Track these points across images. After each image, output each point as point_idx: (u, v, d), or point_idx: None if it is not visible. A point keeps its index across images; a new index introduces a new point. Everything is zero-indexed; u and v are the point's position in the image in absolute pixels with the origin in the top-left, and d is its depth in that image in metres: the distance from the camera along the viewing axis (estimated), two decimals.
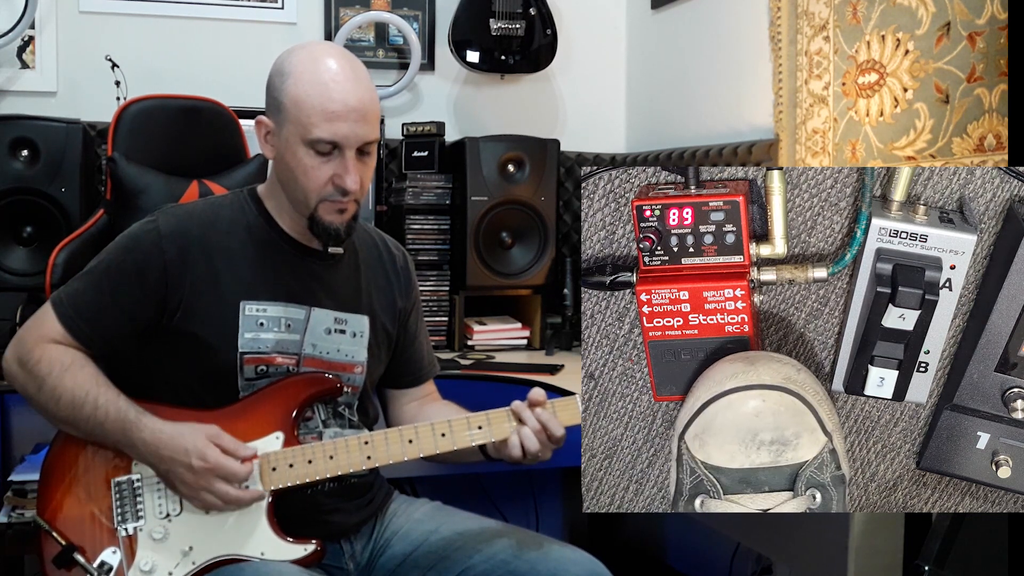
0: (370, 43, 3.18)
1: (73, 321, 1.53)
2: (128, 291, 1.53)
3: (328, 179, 1.51)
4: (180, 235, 1.54)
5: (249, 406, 1.55)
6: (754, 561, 2.59)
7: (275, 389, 1.56)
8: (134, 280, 1.53)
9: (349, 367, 1.63)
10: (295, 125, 1.50)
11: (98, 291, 1.54)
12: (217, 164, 1.95)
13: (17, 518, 2.37)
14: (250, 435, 1.52)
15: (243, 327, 1.54)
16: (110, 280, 1.54)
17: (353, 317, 1.64)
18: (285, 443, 1.53)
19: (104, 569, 1.50)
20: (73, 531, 1.52)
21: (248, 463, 1.49)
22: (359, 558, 1.64)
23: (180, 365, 1.55)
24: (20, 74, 2.85)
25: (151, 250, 1.53)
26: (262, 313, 1.56)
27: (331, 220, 1.54)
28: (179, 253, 1.53)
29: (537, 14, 3.08)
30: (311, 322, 1.59)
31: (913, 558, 1.59)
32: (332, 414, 1.62)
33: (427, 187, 2.89)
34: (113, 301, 1.53)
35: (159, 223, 1.55)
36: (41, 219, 2.38)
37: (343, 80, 1.51)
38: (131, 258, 1.54)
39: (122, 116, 1.89)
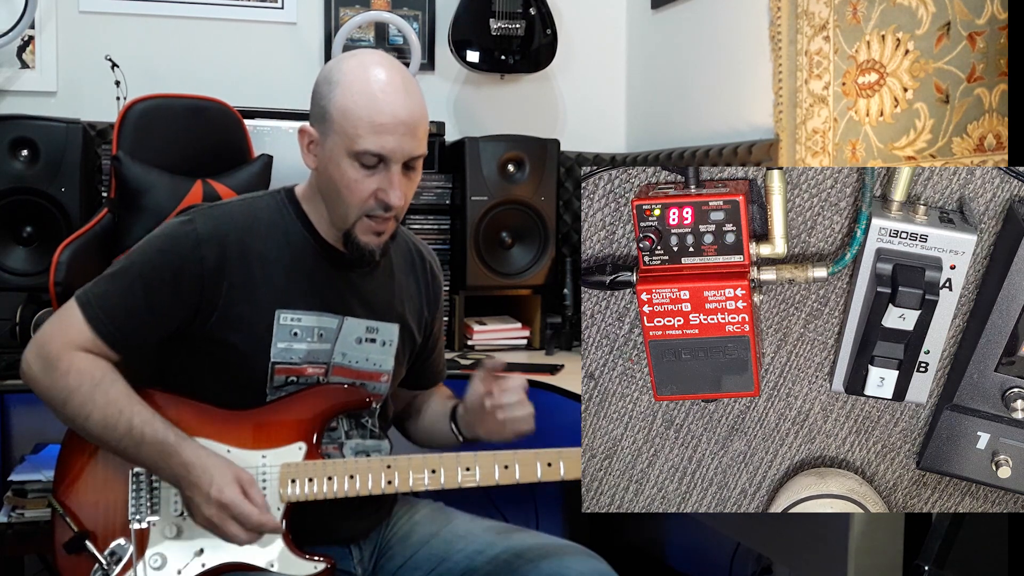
0: (370, 43, 3.18)
1: (103, 324, 1.47)
2: (162, 295, 1.48)
3: (371, 193, 1.47)
4: (218, 239, 1.49)
5: (274, 412, 1.53)
6: (754, 561, 2.58)
7: (302, 397, 1.53)
8: (169, 284, 1.47)
9: (376, 376, 1.61)
10: (341, 136, 1.45)
11: (130, 294, 1.48)
12: (221, 164, 1.95)
13: (17, 518, 2.37)
14: (272, 442, 1.51)
15: (277, 336, 1.51)
16: (143, 283, 1.48)
17: (384, 325, 1.61)
18: (307, 455, 1.51)
19: (114, 559, 1.49)
20: (86, 516, 1.51)
21: (266, 516, 1.45)
22: (366, 564, 1.63)
23: (207, 367, 1.53)
24: (20, 74, 2.85)
25: (188, 254, 1.48)
26: (296, 322, 1.52)
27: (367, 241, 1.50)
28: (217, 258, 1.48)
29: (537, 14, 3.08)
30: (343, 331, 1.56)
31: (913, 558, 1.58)
32: (355, 424, 1.60)
33: (427, 187, 2.89)
34: (146, 305, 1.48)
35: (197, 225, 1.50)
36: (41, 219, 2.38)
37: (393, 91, 1.46)
38: (167, 261, 1.48)
39: (127, 115, 1.89)
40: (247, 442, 1.51)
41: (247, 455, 1.51)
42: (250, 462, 1.50)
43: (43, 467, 2.48)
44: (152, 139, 1.89)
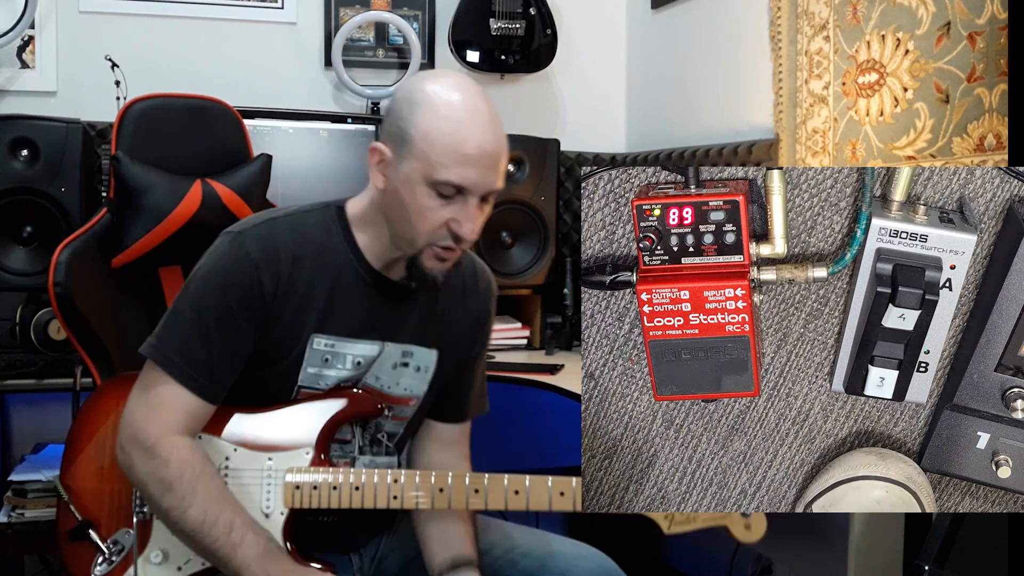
0: (370, 43, 3.18)
1: (195, 381, 1.42)
2: (238, 332, 1.44)
3: (443, 223, 1.40)
4: (271, 262, 1.45)
5: (283, 415, 1.50)
6: (754, 561, 2.59)
7: (313, 402, 1.50)
8: (240, 318, 1.43)
9: (405, 400, 1.58)
10: (421, 162, 1.38)
11: (207, 340, 1.43)
12: (221, 164, 1.95)
13: (17, 518, 2.36)
14: (276, 444, 1.48)
15: (308, 361, 1.48)
16: (219, 327, 1.43)
17: (421, 351, 1.56)
18: (313, 460, 1.48)
19: (116, 548, 1.48)
20: (91, 503, 1.50)
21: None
22: (367, 570, 1.62)
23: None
24: (20, 74, 2.85)
25: (249, 282, 1.43)
26: (329, 348, 1.49)
27: (432, 267, 1.45)
28: (271, 281, 1.44)
29: (537, 14, 3.08)
30: (381, 357, 1.53)
31: (913, 558, 1.59)
32: (370, 440, 1.57)
33: None
34: (226, 348, 1.44)
35: (249, 250, 1.44)
36: (41, 219, 2.38)
37: (480, 121, 1.39)
38: (233, 297, 1.43)
39: (126, 115, 1.88)
40: (252, 442, 1.50)
41: (251, 455, 1.49)
42: (255, 464, 1.49)
43: (43, 467, 2.47)
44: (151, 139, 1.89)
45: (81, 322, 1.73)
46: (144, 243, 1.84)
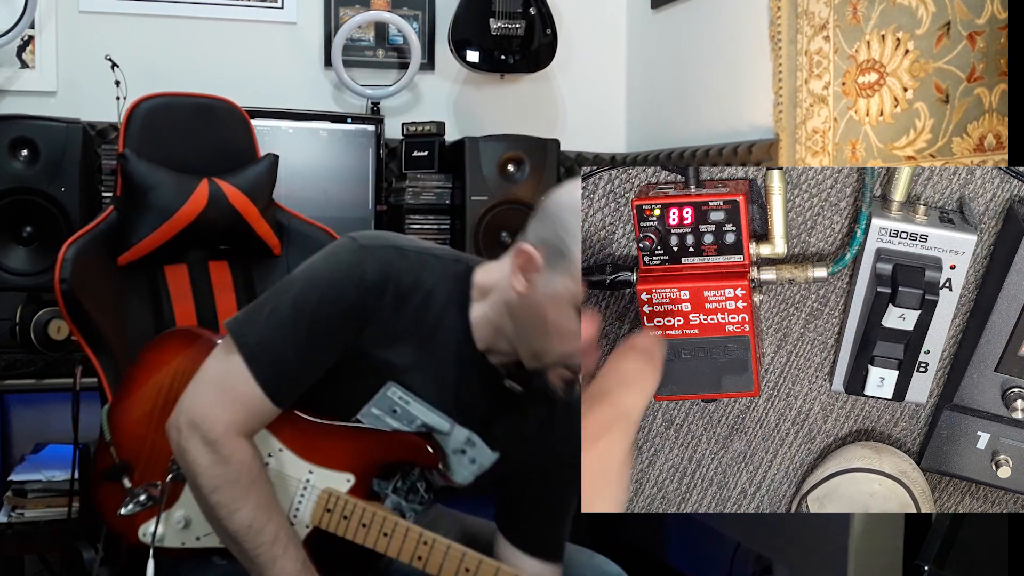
0: (370, 43, 3.18)
1: (274, 387, 1.37)
2: (325, 347, 1.39)
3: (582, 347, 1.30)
4: (381, 287, 1.38)
5: (339, 430, 1.45)
6: (754, 561, 2.58)
7: (373, 432, 1.45)
8: (334, 334, 1.38)
9: (448, 478, 1.52)
10: (576, 283, 1.30)
11: (297, 345, 1.37)
12: (227, 163, 1.95)
13: (17, 518, 2.37)
14: (324, 460, 1.45)
15: (375, 403, 1.43)
16: (310, 333, 1.37)
17: (483, 448, 1.49)
18: (352, 490, 1.44)
19: (144, 500, 1.45)
20: (130, 447, 1.48)
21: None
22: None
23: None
24: (20, 74, 2.85)
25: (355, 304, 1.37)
26: (402, 403, 1.43)
27: (556, 385, 1.37)
28: (373, 307, 1.38)
29: (537, 14, 3.08)
30: (447, 436, 1.47)
31: (913, 558, 1.59)
32: (409, 488, 1.52)
33: (427, 187, 2.89)
34: (310, 357, 1.38)
35: (366, 270, 1.38)
36: (41, 219, 2.38)
37: None
38: (336, 310, 1.37)
39: (133, 113, 1.89)
40: (301, 448, 1.46)
41: (295, 462, 1.45)
42: (296, 471, 1.46)
43: (43, 467, 2.48)
44: (159, 137, 1.90)
45: (86, 319, 1.73)
46: (150, 241, 1.84)
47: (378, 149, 2.84)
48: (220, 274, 1.94)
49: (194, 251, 1.94)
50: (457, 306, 1.43)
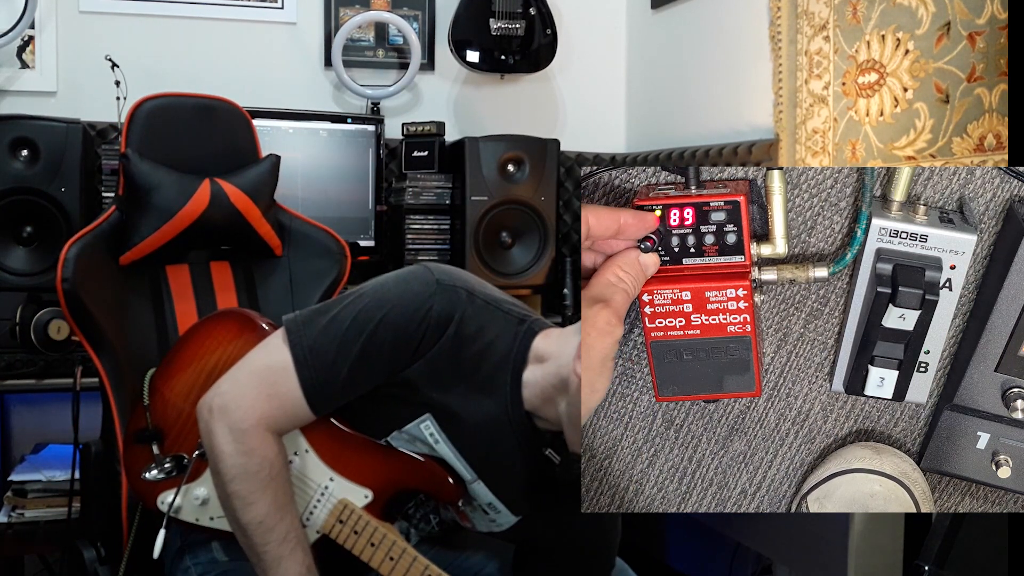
0: (370, 43, 3.18)
1: (318, 396, 1.37)
2: (374, 368, 1.38)
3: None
4: (443, 323, 1.38)
5: (366, 444, 1.45)
6: (754, 561, 2.59)
7: (404, 455, 1.44)
8: (386, 357, 1.37)
9: (466, 518, 1.52)
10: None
11: (348, 358, 1.36)
12: (229, 163, 1.96)
13: (17, 518, 2.37)
14: (347, 471, 1.45)
15: (408, 431, 1.43)
16: (363, 351, 1.36)
17: (506, 513, 1.50)
18: (368, 506, 1.44)
19: (168, 468, 1.45)
20: (167, 416, 1.49)
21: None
22: None
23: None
24: (20, 74, 2.85)
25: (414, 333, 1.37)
26: (432, 440, 1.43)
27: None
28: (432, 340, 1.37)
29: (537, 14, 3.08)
30: (471, 487, 1.47)
31: (913, 558, 1.59)
32: (421, 516, 1.53)
33: (427, 187, 2.89)
34: (357, 374, 1.37)
35: (434, 305, 1.37)
36: (41, 219, 2.38)
37: None
38: (394, 334, 1.36)
39: (135, 113, 1.89)
40: (327, 454, 1.45)
41: (318, 466, 1.45)
42: (317, 476, 1.46)
43: (43, 467, 2.48)
44: (161, 137, 1.90)
45: (88, 319, 1.74)
46: (152, 241, 1.85)
47: (378, 149, 2.84)
48: (222, 274, 1.95)
49: (196, 251, 1.94)
50: (513, 366, 1.42)
